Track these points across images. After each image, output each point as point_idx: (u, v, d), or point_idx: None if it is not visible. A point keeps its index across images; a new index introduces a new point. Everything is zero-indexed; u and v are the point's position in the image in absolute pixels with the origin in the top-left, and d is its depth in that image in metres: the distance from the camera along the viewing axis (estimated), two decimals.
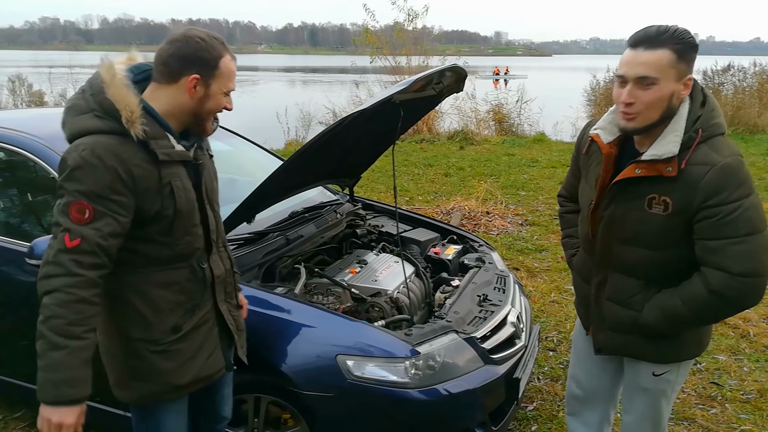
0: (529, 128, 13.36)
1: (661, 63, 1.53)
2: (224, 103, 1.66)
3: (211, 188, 1.78)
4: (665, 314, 1.70)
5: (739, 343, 3.68)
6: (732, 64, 13.57)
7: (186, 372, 1.73)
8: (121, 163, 1.50)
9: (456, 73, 2.62)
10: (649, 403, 1.91)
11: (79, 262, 1.47)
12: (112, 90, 1.53)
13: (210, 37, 1.61)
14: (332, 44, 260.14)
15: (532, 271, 4.94)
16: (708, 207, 1.56)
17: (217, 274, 1.78)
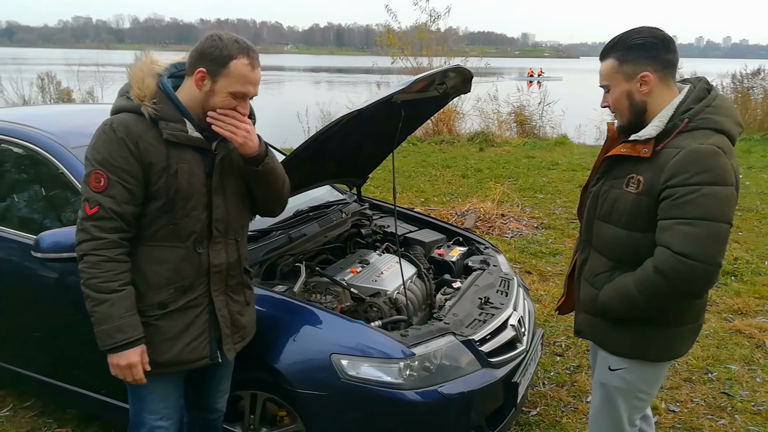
0: (551, 130, 13.22)
1: (608, 71, 1.77)
2: (233, 105, 1.72)
3: (229, 180, 1.84)
4: (617, 293, 1.78)
5: (753, 353, 3.59)
6: (763, 68, 13.23)
7: (165, 351, 1.78)
8: (129, 135, 1.66)
9: (460, 74, 2.61)
10: (604, 398, 1.94)
11: (99, 227, 1.66)
12: (133, 72, 1.73)
13: (231, 39, 1.70)
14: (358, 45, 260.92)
15: (544, 275, 4.88)
16: (668, 187, 1.64)
17: (215, 263, 1.83)
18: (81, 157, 2.50)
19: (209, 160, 1.78)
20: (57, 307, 2.56)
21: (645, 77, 1.72)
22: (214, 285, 1.84)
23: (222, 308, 1.87)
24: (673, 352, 1.87)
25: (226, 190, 1.83)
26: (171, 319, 1.78)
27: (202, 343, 1.84)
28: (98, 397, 2.55)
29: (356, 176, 3.31)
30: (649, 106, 1.74)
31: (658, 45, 1.72)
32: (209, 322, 1.86)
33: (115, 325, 1.67)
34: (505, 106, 13.17)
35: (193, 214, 1.76)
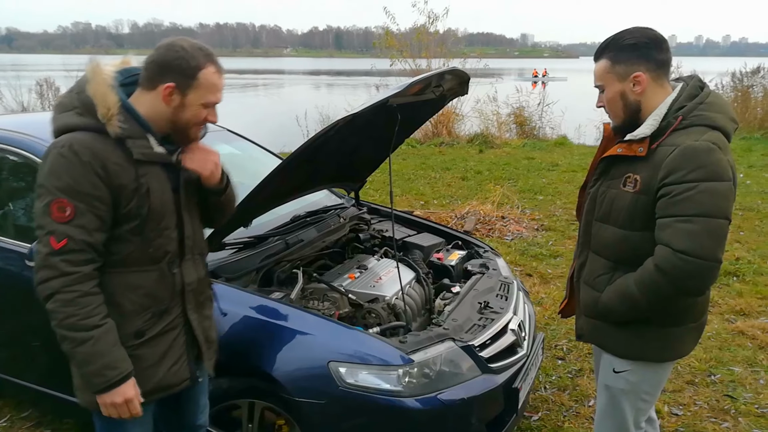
0: (550, 131, 13.19)
1: (601, 72, 1.79)
2: (204, 115, 1.65)
3: (191, 193, 1.76)
4: (618, 295, 1.77)
5: (756, 355, 3.55)
6: (762, 66, 13.21)
7: (147, 379, 1.68)
8: (95, 158, 1.51)
9: (457, 76, 2.59)
10: (608, 401, 1.94)
11: (70, 261, 1.51)
12: (92, 86, 1.56)
13: (194, 47, 1.60)
14: (357, 47, 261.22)
15: (545, 278, 4.85)
16: (666, 185, 1.65)
17: (188, 282, 1.75)
18: None
19: (173, 176, 1.69)
20: None
21: (638, 77, 1.73)
22: (188, 304, 1.77)
23: (197, 326, 1.80)
24: (676, 352, 1.87)
25: (190, 206, 1.77)
26: (149, 346, 1.69)
27: (182, 366, 1.77)
28: None
29: (354, 180, 3.29)
30: (643, 105, 1.75)
31: (650, 45, 1.73)
32: (186, 343, 1.78)
33: (103, 363, 1.55)
34: (505, 108, 13.15)
35: (165, 233, 1.67)
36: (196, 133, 1.70)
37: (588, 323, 1.93)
